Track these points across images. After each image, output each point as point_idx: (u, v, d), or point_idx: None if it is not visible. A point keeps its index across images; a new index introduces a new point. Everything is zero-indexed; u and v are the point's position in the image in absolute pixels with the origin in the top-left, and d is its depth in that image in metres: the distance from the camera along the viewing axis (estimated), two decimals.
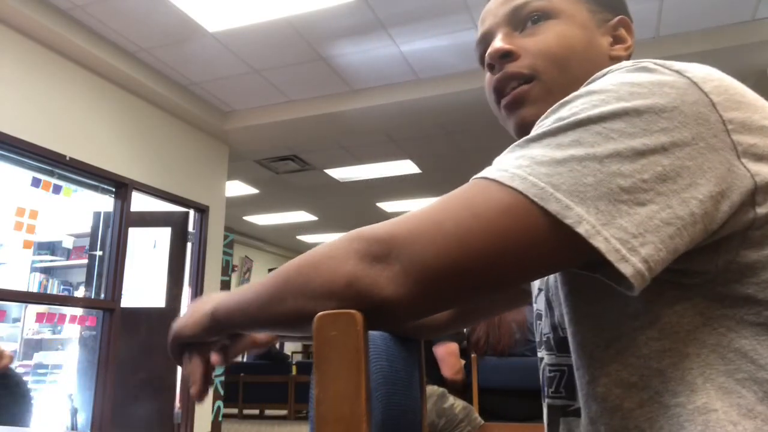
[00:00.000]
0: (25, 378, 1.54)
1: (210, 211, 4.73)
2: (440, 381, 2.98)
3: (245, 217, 8.15)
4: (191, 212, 4.61)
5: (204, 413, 4.49)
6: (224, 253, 5.00)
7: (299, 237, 9.58)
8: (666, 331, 0.49)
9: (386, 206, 7.56)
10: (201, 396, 0.62)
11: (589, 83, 0.52)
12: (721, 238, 0.46)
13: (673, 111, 0.46)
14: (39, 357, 4.51)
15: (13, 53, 3.25)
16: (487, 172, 0.48)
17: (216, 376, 4.90)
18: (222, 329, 0.59)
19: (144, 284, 4.26)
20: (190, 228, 4.60)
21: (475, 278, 0.46)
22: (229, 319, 0.57)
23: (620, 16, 0.69)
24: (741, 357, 0.47)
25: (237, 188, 6.54)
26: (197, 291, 4.51)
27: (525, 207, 0.44)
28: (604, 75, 0.52)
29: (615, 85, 0.48)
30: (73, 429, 3.58)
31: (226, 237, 5.03)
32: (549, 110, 0.51)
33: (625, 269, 0.42)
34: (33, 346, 4.67)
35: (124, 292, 3.83)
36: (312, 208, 7.78)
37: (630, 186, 0.44)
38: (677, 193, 0.44)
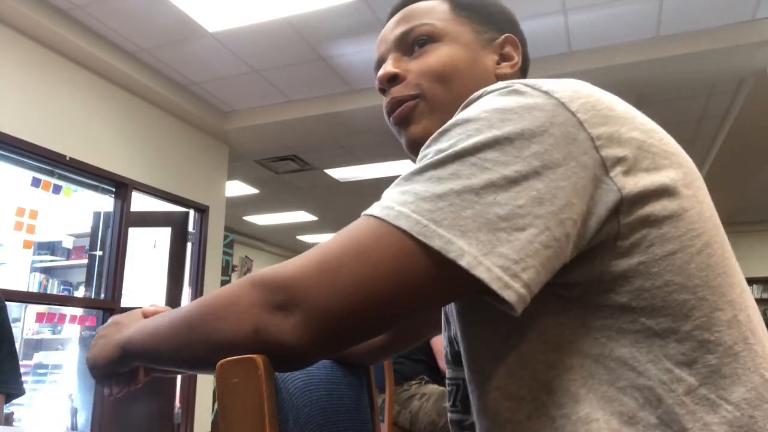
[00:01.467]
0: (24, 378, 1.53)
1: (210, 211, 4.73)
2: (440, 379, 2.98)
3: (245, 217, 8.14)
4: (191, 212, 4.61)
5: (204, 413, 4.49)
6: (224, 253, 5.00)
7: (299, 237, 9.58)
8: (550, 344, 0.50)
9: None
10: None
11: (465, 106, 0.54)
12: (593, 249, 0.48)
13: (543, 134, 0.47)
14: (39, 357, 4.51)
15: (13, 53, 3.25)
16: (375, 209, 0.49)
17: None
18: (132, 362, 0.60)
19: (144, 284, 4.26)
20: (190, 228, 4.60)
21: (373, 320, 0.48)
22: (140, 356, 0.58)
23: (506, 35, 0.72)
24: (621, 365, 0.48)
25: (237, 188, 6.54)
26: (197, 291, 4.51)
27: (411, 247, 0.46)
28: (479, 98, 0.53)
29: (487, 112, 0.50)
30: (73, 429, 3.58)
31: (226, 237, 5.03)
32: (430, 139, 0.52)
33: (509, 296, 0.44)
34: (33, 346, 4.67)
35: (124, 292, 3.83)
36: (312, 208, 7.78)
37: (507, 213, 0.45)
38: (554, 215, 0.46)
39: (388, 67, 0.69)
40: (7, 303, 1.47)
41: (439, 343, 2.92)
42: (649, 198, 0.48)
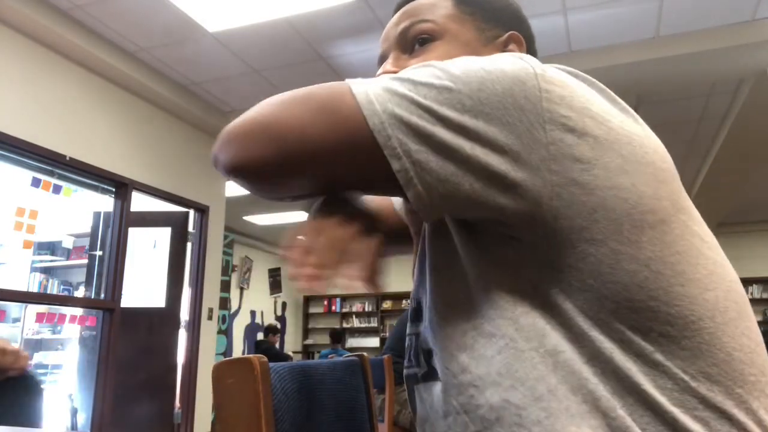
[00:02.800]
0: None
1: (210, 211, 4.73)
2: None
3: (245, 217, 8.14)
4: (191, 212, 4.61)
5: (204, 413, 4.49)
6: (224, 253, 5.00)
7: (299, 237, 9.57)
8: (516, 291, 0.53)
9: None
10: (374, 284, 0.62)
11: None
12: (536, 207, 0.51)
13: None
14: (39, 357, 4.51)
15: (13, 53, 3.25)
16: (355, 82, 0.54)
17: None
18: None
19: (144, 284, 4.26)
20: (190, 228, 4.60)
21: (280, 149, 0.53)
22: None
23: (510, 33, 0.72)
24: (577, 315, 0.51)
25: (237, 188, 6.53)
26: (197, 291, 4.51)
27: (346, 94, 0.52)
28: None
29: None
30: (73, 429, 3.58)
31: (226, 237, 5.03)
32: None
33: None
34: (33, 346, 4.67)
35: (124, 292, 3.83)
36: None
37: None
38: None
39: (387, 67, 0.70)
40: (7, 303, 1.48)
41: None
42: (584, 168, 0.50)
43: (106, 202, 3.91)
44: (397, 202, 0.81)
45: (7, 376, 1.33)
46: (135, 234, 4.06)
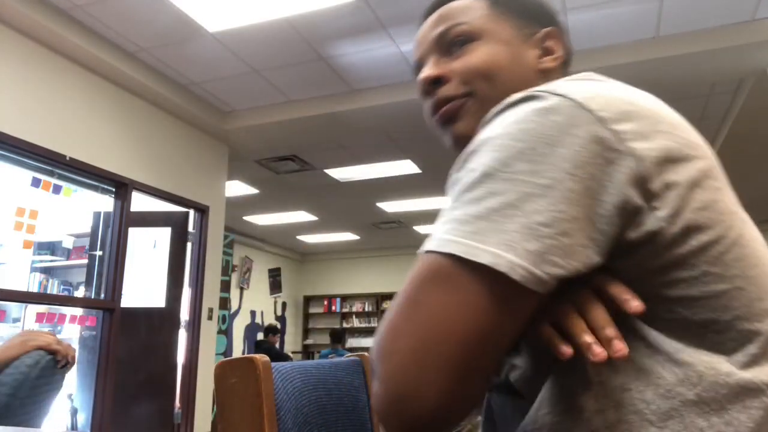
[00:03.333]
0: None
1: (210, 211, 4.73)
2: None
3: (245, 217, 8.14)
4: (191, 212, 4.61)
5: (204, 413, 4.49)
6: (224, 253, 5.00)
7: (299, 237, 9.58)
8: None
9: (386, 206, 7.56)
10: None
11: (488, 122, 0.54)
12: (631, 243, 0.49)
13: (566, 137, 0.48)
14: None
15: (13, 53, 3.25)
16: (425, 245, 0.50)
17: None
18: None
19: (144, 284, 4.26)
20: (190, 228, 4.60)
21: (453, 361, 0.46)
22: None
23: (548, 29, 0.71)
24: (660, 348, 0.49)
25: (237, 188, 6.54)
26: (197, 291, 4.51)
27: (462, 269, 0.46)
28: (500, 112, 0.53)
29: (508, 125, 0.50)
30: (73, 429, 3.58)
31: (226, 237, 5.03)
32: (458, 160, 0.53)
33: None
34: None
35: (124, 292, 3.83)
36: (312, 208, 7.78)
37: (548, 220, 0.46)
38: (590, 214, 0.47)
39: (430, 70, 0.69)
40: (7, 303, 1.53)
41: None
42: (680, 190, 0.48)
43: (106, 202, 3.91)
44: None
45: (64, 364, 1.42)
46: (135, 234, 4.06)
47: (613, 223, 0.47)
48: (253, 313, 9.50)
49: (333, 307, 10.59)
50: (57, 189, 3.56)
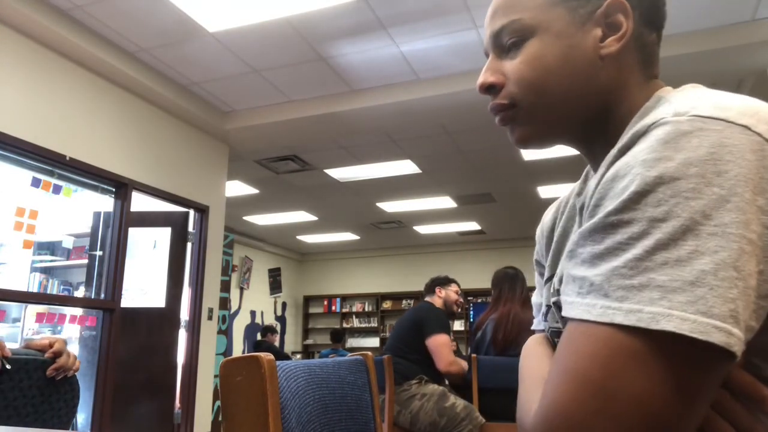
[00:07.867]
0: None
1: (210, 211, 4.73)
2: (439, 378, 2.98)
3: (245, 217, 8.14)
4: (191, 212, 4.61)
5: (204, 413, 4.49)
6: (224, 253, 5.00)
7: (299, 237, 9.58)
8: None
9: (386, 206, 7.56)
10: None
11: (629, 145, 0.49)
12: None
13: (763, 180, 0.43)
14: None
15: (13, 53, 3.25)
16: (610, 313, 0.43)
17: (216, 376, 4.89)
18: None
19: (144, 284, 4.26)
20: (190, 228, 4.60)
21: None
22: None
23: (609, 0, 0.63)
24: None
25: (237, 188, 6.54)
26: (197, 291, 4.51)
27: (687, 349, 0.40)
28: (647, 133, 0.48)
29: (693, 164, 0.43)
30: (73, 429, 3.58)
31: (226, 237, 5.03)
32: (623, 200, 0.45)
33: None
34: None
35: (124, 292, 3.83)
36: (312, 208, 7.78)
37: (759, 282, 0.42)
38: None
39: (484, 77, 0.69)
40: (7, 303, 1.52)
41: (433, 343, 2.92)
42: None
43: (106, 202, 3.91)
44: None
45: (63, 376, 1.42)
46: (135, 234, 4.06)
47: None
48: (253, 313, 9.50)
49: (333, 307, 10.59)
50: (57, 189, 3.56)
